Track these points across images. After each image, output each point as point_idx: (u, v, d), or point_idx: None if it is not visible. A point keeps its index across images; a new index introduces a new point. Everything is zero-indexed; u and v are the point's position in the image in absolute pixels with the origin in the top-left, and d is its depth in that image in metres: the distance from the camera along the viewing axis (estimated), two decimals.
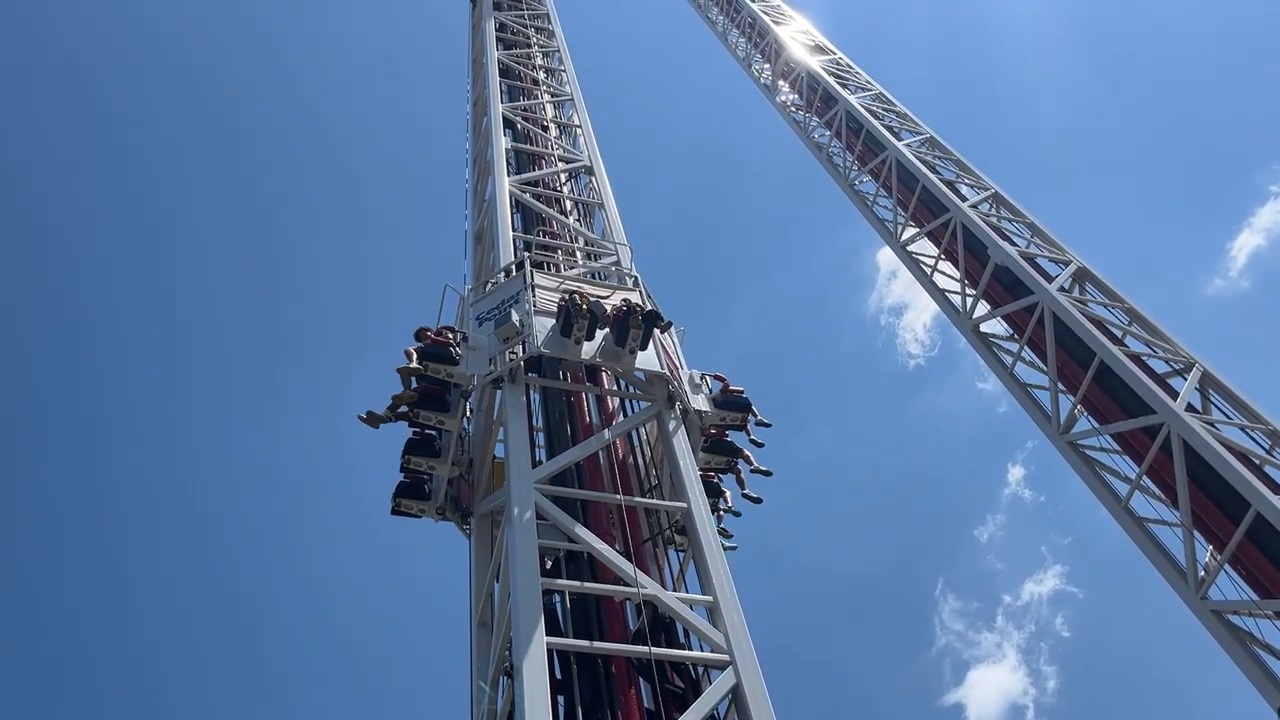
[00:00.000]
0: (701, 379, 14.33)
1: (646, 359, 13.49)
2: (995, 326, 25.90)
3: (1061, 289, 23.82)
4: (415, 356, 13.16)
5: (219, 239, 64.39)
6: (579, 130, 24.35)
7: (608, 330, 13.53)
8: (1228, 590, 18.27)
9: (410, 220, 65.42)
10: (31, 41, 61.48)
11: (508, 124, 23.34)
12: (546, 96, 26.26)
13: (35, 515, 49.59)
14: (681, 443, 13.05)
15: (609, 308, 13.81)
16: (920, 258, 29.34)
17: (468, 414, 13.54)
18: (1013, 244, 25.86)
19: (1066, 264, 25.25)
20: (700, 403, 13.91)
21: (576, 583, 11.28)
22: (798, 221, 70.88)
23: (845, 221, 68.04)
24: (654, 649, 10.30)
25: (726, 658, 10.12)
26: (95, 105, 63.25)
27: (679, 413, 13.36)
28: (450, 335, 13.65)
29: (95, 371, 56.84)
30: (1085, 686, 48.04)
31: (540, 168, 22.18)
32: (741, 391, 14.24)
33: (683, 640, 11.04)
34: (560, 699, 10.02)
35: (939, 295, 28.03)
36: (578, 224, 20.30)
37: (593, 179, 22.02)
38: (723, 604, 10.68)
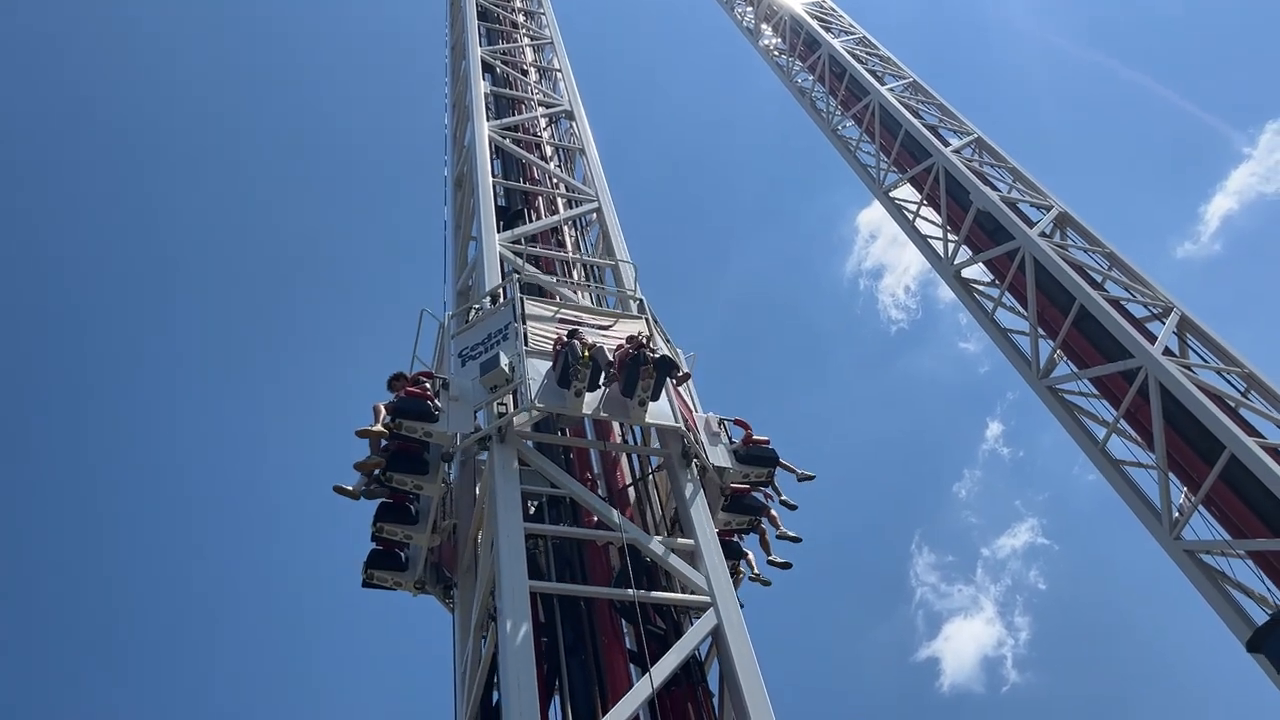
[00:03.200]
0: (720, 425, 12.63)
1: (658, 411, 11.82)
2: (977, 272, 25.96)
3: (1043, 234, 23.85)
4: (383, 413, 11.15)
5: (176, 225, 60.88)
6: (559, 74, 24.06)
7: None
8: (1201, 531, 18.60)
9: (388, 190, 63.30)
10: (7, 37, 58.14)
11: (486, 68, 23.05)
12: (526, 40, 25.93)
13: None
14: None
15: (613, 347, 12.02)
16: (903, 204, 29.30)
17: (449, 476, 11.68)
18: (995, 189, 25.84)
19: (1048, 209, 25.27)
20: (720, 457, 12.17)
21: (559, 527, 11.37)
22: (775, 186, 69.94)
23: (823, 185, 67.32)
24: (637, 592, 10.42)
25: (707, 599, 10.25)
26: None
27: (696, 471, 11.76)
28: (428, 383, 11.70)
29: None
30: (1059, 637, 48.94)
31: (520, 113, 21.93)
32: (767, 441, 12.56)
33: (664, 583, 11.19)
34: (544, 640, 10.15)
35: (921, 241, 28.03)
36: (558, 170, 20.14)
37: (573, 124, 21.81)
38: (703, 548, 10.78)
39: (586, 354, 11.36)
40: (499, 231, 16.20)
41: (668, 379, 11.87)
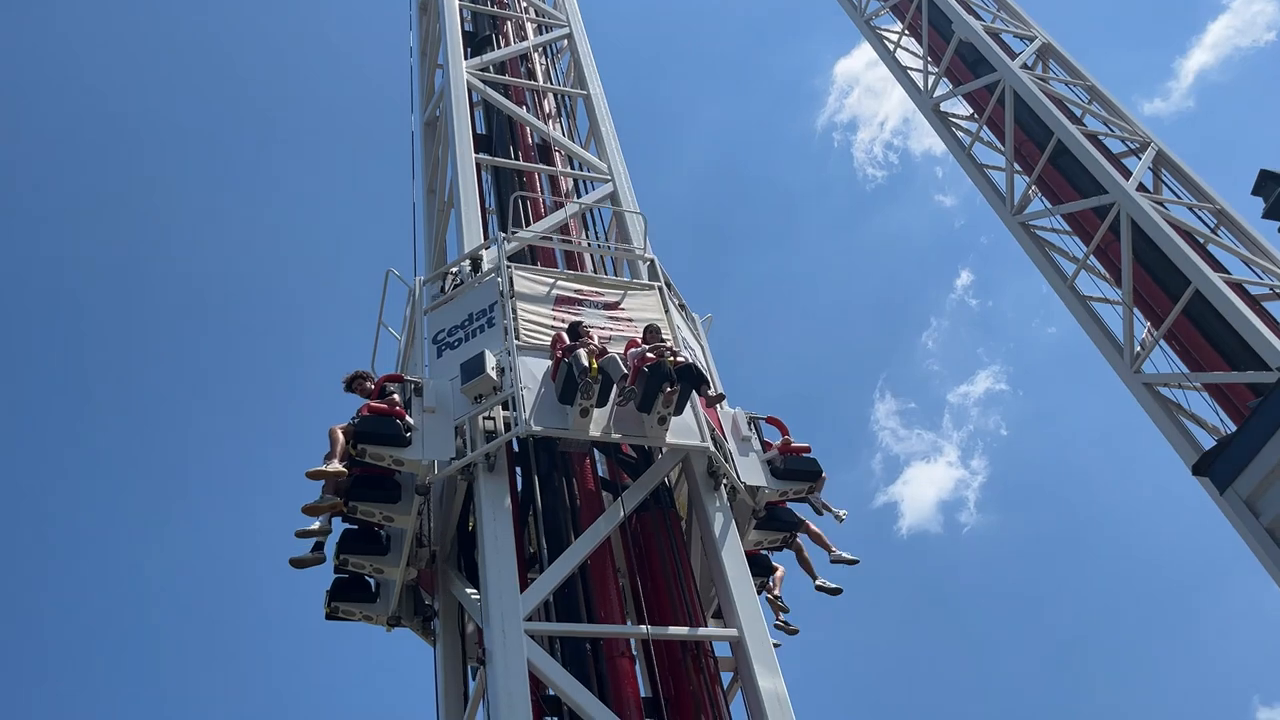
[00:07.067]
0: (750, 426, 10.88)
1: (682, 428, 9.93)
2: (956, 107, 25.55)
3: (1024, 66, 23.35)
4: (342, 441, 9.25)
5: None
6: None
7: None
8: (1160, 365, 19.06)
9: (350, 19, 58.38)
10: None
11: None
12: None
13: None
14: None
15: (625, 342, 10.36)
16: (884, 34, 28.53)
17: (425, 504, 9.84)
18: (979, 18, 25.12)
19: (1031, 39, 24.68)
20: (752, 472, 10.37)
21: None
22: (746, 32, 66.17)
23: (796, 34, 63.91)
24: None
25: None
26: None
27: (725, 493, 10.00)
28: (395, 390, 9.82)
29: None
30: (1018, 480, 49.97)
31: None
32: (807, 449, 10.74)
33: None
34: (518, 470, 10.40)
35: (901, 73, 27.45)
36: None
37: None
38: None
39: (595, 366, 9.44)
40: (466, 59, 15.71)
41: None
